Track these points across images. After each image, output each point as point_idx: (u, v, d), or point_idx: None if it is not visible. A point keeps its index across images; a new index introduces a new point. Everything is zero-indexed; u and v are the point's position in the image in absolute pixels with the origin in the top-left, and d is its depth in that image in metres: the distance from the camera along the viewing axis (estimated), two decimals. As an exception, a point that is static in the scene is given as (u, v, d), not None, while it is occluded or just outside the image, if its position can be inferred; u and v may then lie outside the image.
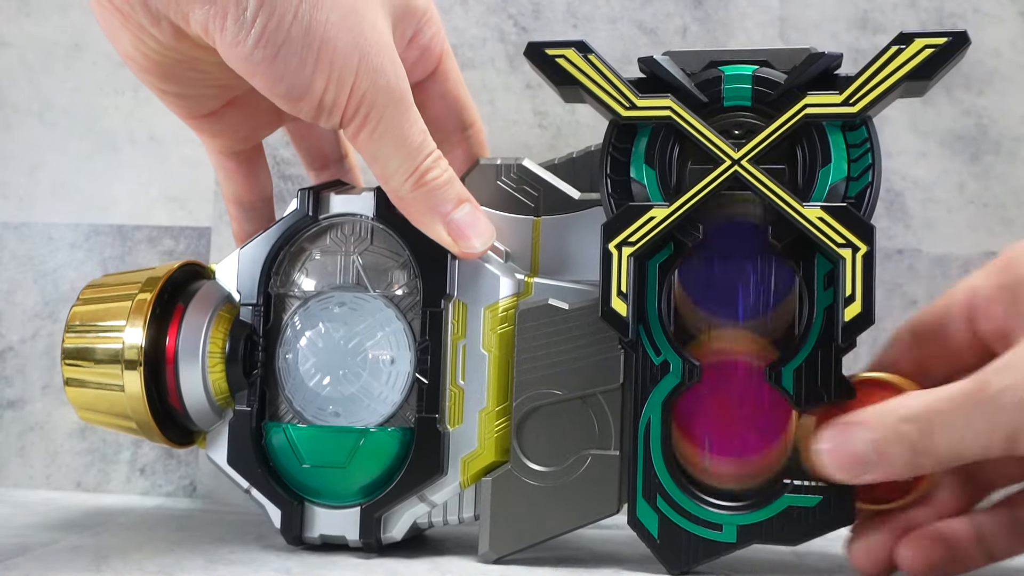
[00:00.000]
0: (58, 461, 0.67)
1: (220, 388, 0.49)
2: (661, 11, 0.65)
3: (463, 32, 0.66)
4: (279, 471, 0.49)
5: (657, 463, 0.46)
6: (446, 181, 0.47)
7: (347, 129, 0.46)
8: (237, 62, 0.44)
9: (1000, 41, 0.63)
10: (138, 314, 0.49)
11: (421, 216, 0.47)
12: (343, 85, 0.44)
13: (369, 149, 0.46)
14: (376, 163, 0.46)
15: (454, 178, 0.48)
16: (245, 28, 0.42)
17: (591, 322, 0.47)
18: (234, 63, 0.44)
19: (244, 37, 0.43)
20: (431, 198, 0.47)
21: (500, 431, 0.48)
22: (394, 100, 0.45)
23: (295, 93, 0.44)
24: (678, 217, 0.45)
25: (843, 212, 0.44)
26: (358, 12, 0.44)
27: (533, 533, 0.47)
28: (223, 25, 0.43)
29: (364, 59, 0.44)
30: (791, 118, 0.45)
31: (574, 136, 0.65)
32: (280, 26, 0.43)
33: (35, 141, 0.68)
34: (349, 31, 0.44)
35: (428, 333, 0.48)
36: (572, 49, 0.47)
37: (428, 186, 0.47)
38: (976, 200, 0.63)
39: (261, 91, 0.45)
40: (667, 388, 0.46)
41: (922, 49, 0.44)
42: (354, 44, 0.44)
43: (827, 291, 0.45)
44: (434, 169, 0.47)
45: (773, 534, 0.45)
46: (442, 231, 0.47)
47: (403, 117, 0.46)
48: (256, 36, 0.43)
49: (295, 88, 0.44)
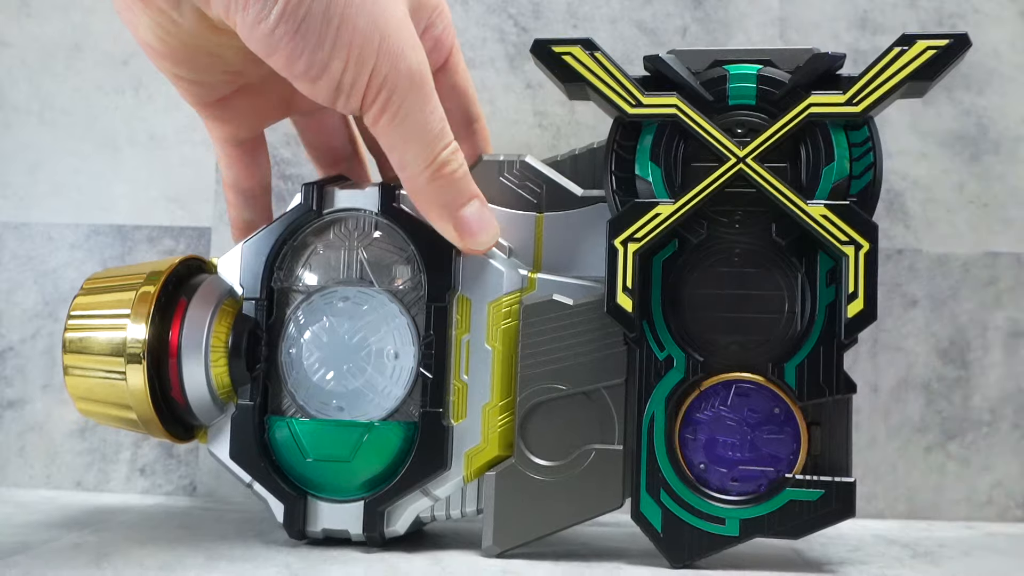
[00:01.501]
0: (58, 461, 0.67)
1: (223, 382, 0.49)
2: (661, 11, 0.65)
3: (463, 32, 0.66)
4: (282, 465, 0.49)
5: (660, 458, 0.46)
6: (462, 175, 0.47)
7: (368, 114, 0.45)
8: (258, 40, 0.43)
9: (1000, 41, 0.64)
10: (142, 307, 0.49)
11: (432, 208, 0.47)
12: (363, 66, 0.44)
13: (389, 136, 0.46)
14: (395, 151, 0.46)
15: (468, 172, 0.47)
16: (268, 5, 0.42)
17: (595, 317, 0.47)
18: (255, 42, 0.44)
19: (266, 14, 0.42)
20: (446, 192, 0.47)
21: (504, 426, 0.48)
22: (416, 85, 0.45)
23: (313, 72, 0.44)
24: (684, 214, 0.46)
25: (846, 210, 0.45)
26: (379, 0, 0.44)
27: (537, 527, 0.47)
28: (247, 3, 0.43)
29: (385, 40, 0.44)
30: (795, 117, 0.46)
31: (574, 136, 0.65)
32: (301, 2, 0.43)
33: (35, 141, 0.68)
34: (369, 13, 0.44)
35: (432, 328, 0.48)
36: (579, 47, 0.47)
37: (445, 179, 0.46)
38: (976, 200, 0.63)
39: (279, 70, 0.45)
40: (671, 383, 0.46)
41: (924, 51, 0.45)
42: (374, 25, 0.44)
43: (829, 288, 0.46)
44: (452, 162, 0.47)
45: (775, 528, 0.45)
46: (450, 227, 0.47)
47: (425, 103, 0.46)
48: (279, 12, 0.42)
49: (313, 67, 0.44)
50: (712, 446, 0.46)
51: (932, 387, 0.63)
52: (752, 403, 0.46)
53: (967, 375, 0.63)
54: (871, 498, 0.63)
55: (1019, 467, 0.63)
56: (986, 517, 0.63)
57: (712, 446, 0.46)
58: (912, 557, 0.51)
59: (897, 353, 0.63)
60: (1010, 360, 0.63)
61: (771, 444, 0.46)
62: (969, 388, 0.63)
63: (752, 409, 0.46)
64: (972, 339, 0.63)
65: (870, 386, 0.63)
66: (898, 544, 0.54)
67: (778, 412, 0.46)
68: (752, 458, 0.46)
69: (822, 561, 0.49)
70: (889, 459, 0.63)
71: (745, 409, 0.46)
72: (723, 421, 0.46)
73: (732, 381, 0.46)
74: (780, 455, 0.46)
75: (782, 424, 0.46)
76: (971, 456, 0.63)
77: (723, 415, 0.46)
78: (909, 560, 0.50)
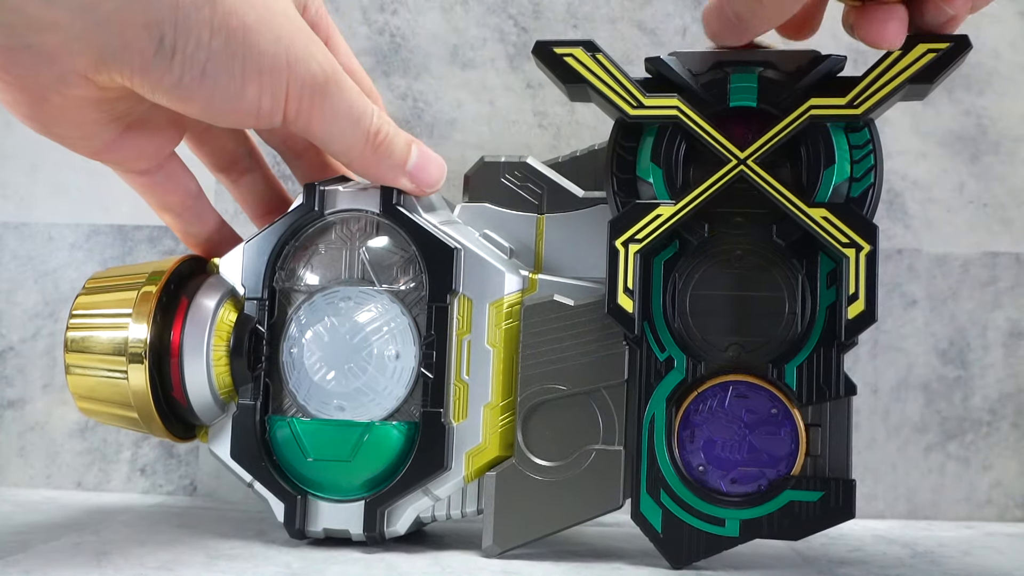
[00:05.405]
0: (58, 461, 0.67)
1: (224, 382, 0.49)
2: (661, 11, 0.65)
3: (463, 32, 0.66)
4: (283, 465, 0.49)
5: (661, 458, 0.46)
6: (395, 131, 0.48)
7: (296, 123, 0.45)
8: (167, 94, 0.42)
9: (1000, 41, 0.64)
10: (143, 307, 0.49)
11: (385, 173, 0.48)
12: (278, 85, 0.44)
13: (320, 133, 0.46)
14: (332, 142, 0.47)
15: (393, 123, 0.48)
16: (166, 58, 0.41)
17: (596, 318, 0.47)
18: (164, 97, 0.43)
19: (168, 66, 0.41)
20: (391, 153, 0.48)
21: (504, 426, 0.48)
22: (329, 77, 0.45)
23: (231, 107, 0.43)
24: (685, 215, 0.46)
25: (847, 212, 0.45)
26: (269, 6, 0.44)
27: (537, 528, 0.48)
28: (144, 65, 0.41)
29: (290, 49, 0.44)
30: (797, 119, 0.46)
31: (574, 136, 0.65)
32: (200, 45, 0.41)
33: (35, 141, 0.68)
34: (268, 27, 0.43)
35: (433, 328, 0.48)
36: (580, 48, 0.47)
37: (384, 144, 0.47)
38: (976, 200, 0.64)
39: (197, 117, 0.44)
40: (671, 384, 0.46)
41: (924, 53, 0.45)
42: (277, 41, 0.43)
43: (830, 289, 0.46)
44: (383, 126, 0.48)
45: (775, 529, 0.45)
46: (405, 181, 0.49)
47: (341, 89, 0.46)
48: (181, 62, 0.41)
49: (230, 102, 0.43)
50: (711, 447, 0.46)
51: (932, 387, 0.63)
52: (751, 404, 0.46)
53: (967, 375, 0.63)
54: (871, 498, 0.63)
55: (1019, 467, 0.63)
56: (986, 517, 0.63)
57: (711, 447, 0.46)
58: (912, 557, 0.51)
59: (897, 353, 0.63)
60: (1010, 360, 0.63)
61: (769, 445, 0.46)
62: (969, 388, 0.63)
63: (751, 410, 0.46)
64: (972, 339, 0.63)
65: (870, 387, 0.63)
66: (898, 544, 0.54)
67: (776, 413, 0.46)
68: (750, 459, 0.46)
69: (822, 561, 0.49)
70: (889, 459, 0.63)
71: (744, 410, 0.46)
72: (722, 422, 0.47)
73: (732, 382, 0.46)
74: (778, 456, 0.46)
75: (781, 425, 0.46)
76: (971, 456, 0.63)
77: (722, 416, 0.46)
78: (909, 560, 0.50)
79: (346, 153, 0.47)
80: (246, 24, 0.42)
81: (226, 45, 0.42)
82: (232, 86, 0.43)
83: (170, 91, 0.42)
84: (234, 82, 0.43)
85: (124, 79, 0.42)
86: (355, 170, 0.49)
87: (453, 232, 0.49)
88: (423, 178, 0.49)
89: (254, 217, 0.56)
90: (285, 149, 0.55)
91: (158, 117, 0.48)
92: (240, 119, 0.44)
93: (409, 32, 0.66)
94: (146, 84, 0.42)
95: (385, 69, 0.66)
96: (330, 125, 0.46)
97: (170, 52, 0.41)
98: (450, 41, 0.66)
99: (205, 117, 0.44)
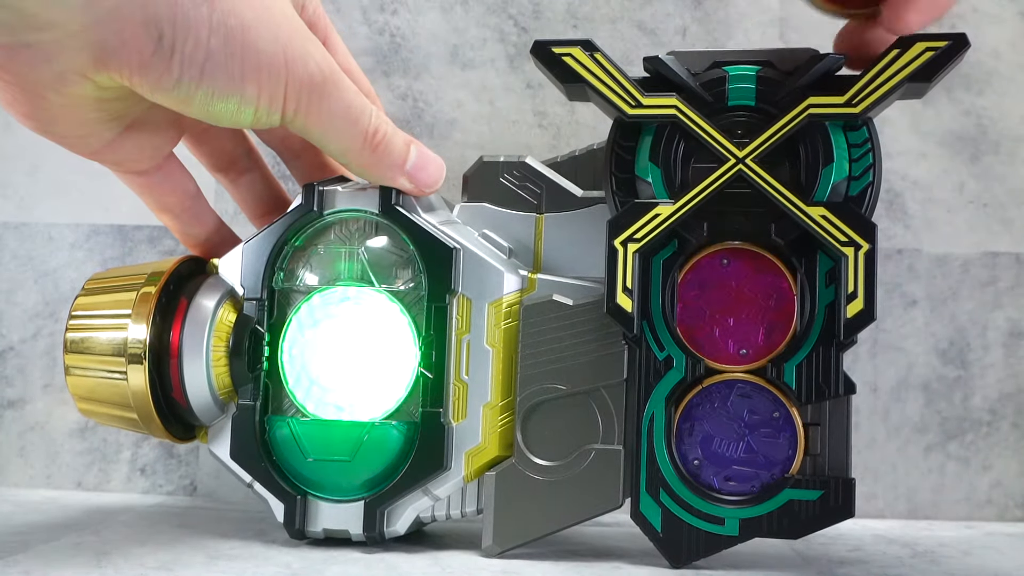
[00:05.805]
0: (58, 461, 0.67)
1: (223, 382, 0.49)
2: (661, 11, 0.65)
3: (463, 32, 0.66)
4: (282, 465, 0.49)
5: (660, 457, 0.46)
6: (393, 130, 0.48)
7: (294, 122, 0.45)
8: (166, 94, 0.42)
9: (1000, 41, 0.64)
10: (143, 307, 0.49)
11: (384, 173, 0.48)
12: (276, 85, 0.44)
13: (318, 132, 0.46)
14: (330, 142, 0.47)
15: (392, 123, 0.48)
16: (165, 57, 0.41)
17: (595, 318, 0.47)
18: (163, 97, 0.42)
19: (167, 65, 0.41)
20: (389, 153, 0.48)
21: (504, 426, 0.48)
22: (327, 77, 0.45)
23: (230, 107, 0.43)
24: (684, 214, 0.46)
25: (846, 210, 0.45)
26: (267, 6, 0.44)
27: (537, 527, 0.48)
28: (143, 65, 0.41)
29: (288, 48, 0.44)
30: (795, 118, 0.46)
31: (574, 136, 0.65)
32: (198, 44, 0.41)
33: (35, 141, 0.68)
34: (267, 26, 0.43)
35: (433, 328, 0.48)
36: (579, 48, 0.47)
37: (383, 144, 0.47)
38: (976, 200, 0.64)
39: (195, 116, 0.44)
40: (670, 383, 0.46)
41: (923, 52, 0.45)
42: (275, 40, 0.43)
43: (828, 288, 0.46)
44: (381, 125, 0.47)
45: (775, 528, 0.45)
46: (404, 181, 0.48)
47: (339, 88, 0.46)
48: (180, 62, 0.41)
49: (229, 102, 0.43)
50: (708, 444, 0.46)
51: (932, 387, 0.63)
52: (750, 403, 0.46)
53: (967, 375, 0.63)
54: (871, 498, 0.63)
55: (1019, 467, 0.63)
56: (986, 517, 0.63)
57: (708, 444, 0.46)
58: (912, 557, 0.51)
59: (897, 353, 0.63)
60: (1010, 360, 0.63)
61: (768, 448, 0.46)
62: (969, 388, 0.63)
63: (750, 409, 0.46)
64: (972, 339, 0.63)
65: (870, 386, 0.63)
66: (898, 544, 0.54)
67: (776, 413, 0.46)
68: (747, 459, 0.46)
69: (822, 561, 0.49)
70: (889, 459, 0.63)
71: (744, 409, 0.46)
72: (721, 420, 0.47)
73: (731, 381, 0.46)
74: (777, 456, 0.46)
75: (780, 425, 0.46)
76: (971, 456, 0.63)
77: (721, 414, 0.46)
78: (909, 560, 0.50)
79: (344, 153, 0.47)
80: (244, 23, 0.42)
81: (224, 44, 0.42)
82: (230, 85, 0.43)
83: (169, 90, 0.42)
84: (232, 81, 0.43)
85: (123, 78, 0.42)
86: (353, 170, 0.49)
87: (452, 232, 0.49)
88: (422, 178, 0.49)
89: (253, 217, 0.56)
90: (283, 149, 0.55)
91: (157, 117, 0.48)
92: (238, 118, 0.44)
93: (409, 32, 0.66)
94: (145, 83, 0.42)
95: (385, 69, 0.66)
96: (328, 125, 0.46)
97: (169, 51, 0.41)
98: (450, 41, 0.66)
99: (203, 116, 0.44)
